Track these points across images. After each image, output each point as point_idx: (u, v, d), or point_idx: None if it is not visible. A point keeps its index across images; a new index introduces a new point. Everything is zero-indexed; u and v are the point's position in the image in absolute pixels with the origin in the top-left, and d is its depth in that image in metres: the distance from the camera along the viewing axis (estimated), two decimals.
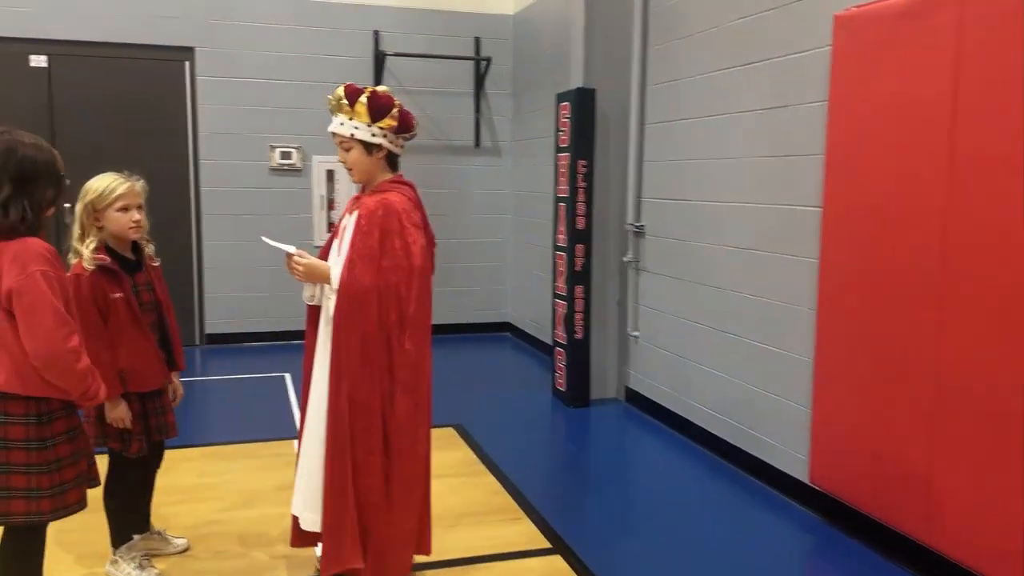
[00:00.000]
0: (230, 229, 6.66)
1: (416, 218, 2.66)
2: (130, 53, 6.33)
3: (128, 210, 2.77)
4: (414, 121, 2.77)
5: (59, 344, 2.18)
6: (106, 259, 2.73)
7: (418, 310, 2.60)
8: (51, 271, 2.19)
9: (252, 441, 4.41)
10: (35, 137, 2.29)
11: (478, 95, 7.19)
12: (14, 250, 2.17)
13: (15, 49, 6.07)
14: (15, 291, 2.14)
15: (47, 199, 2.26)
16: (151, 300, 2.88)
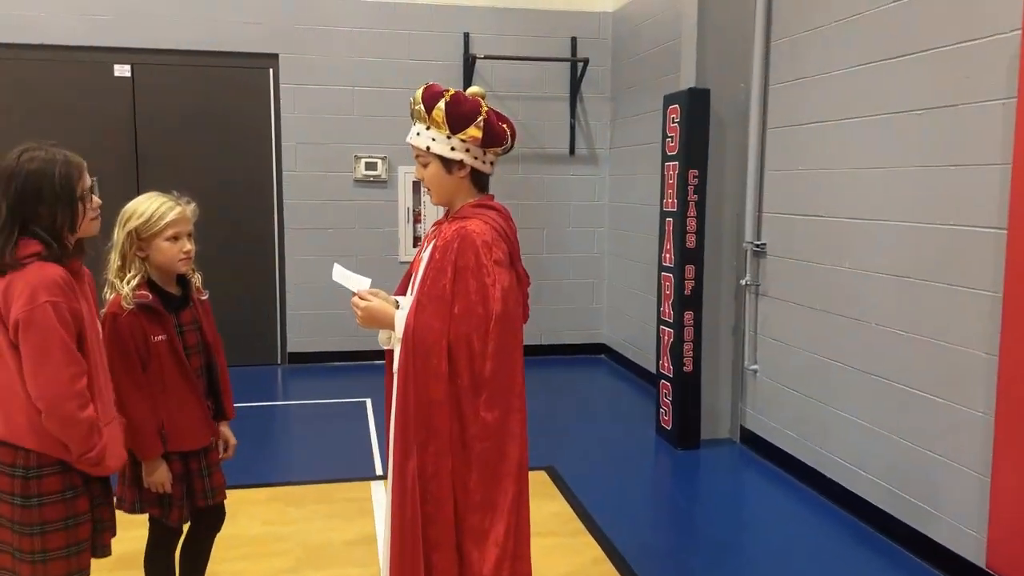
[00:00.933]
0: (313, 243, 6.36)
1: (499, 252, 2.15)
2: (213, 61, 6.11)
3: (178, 239, 2.38)
4: (507, 132, 2.25)
5: (64, 385, 1.86)
6: (148, 296, 2.34)
7: (497, 369, 2.10)
8: (63, 302, 1.86)
9: (326, 481, 4.01)
10: (52, 152, 1.95)
11: (574, 99, 6.68)
12: (26, 278, 1.85)
13: (100, 58, 5.93)
14: (22, 322, 1.83)
15: (62, 220, 1.92)
16: (198, 342, 2.48)
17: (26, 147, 1.93)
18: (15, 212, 1.88)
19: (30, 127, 5.81)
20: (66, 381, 1.85)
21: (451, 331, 2.09)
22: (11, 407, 1.89)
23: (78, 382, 1.88)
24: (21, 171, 1.89)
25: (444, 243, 2.18)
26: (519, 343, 2.20)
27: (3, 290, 1.85)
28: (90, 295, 2.03)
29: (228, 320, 6.51)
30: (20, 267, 1.85)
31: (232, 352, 6.57)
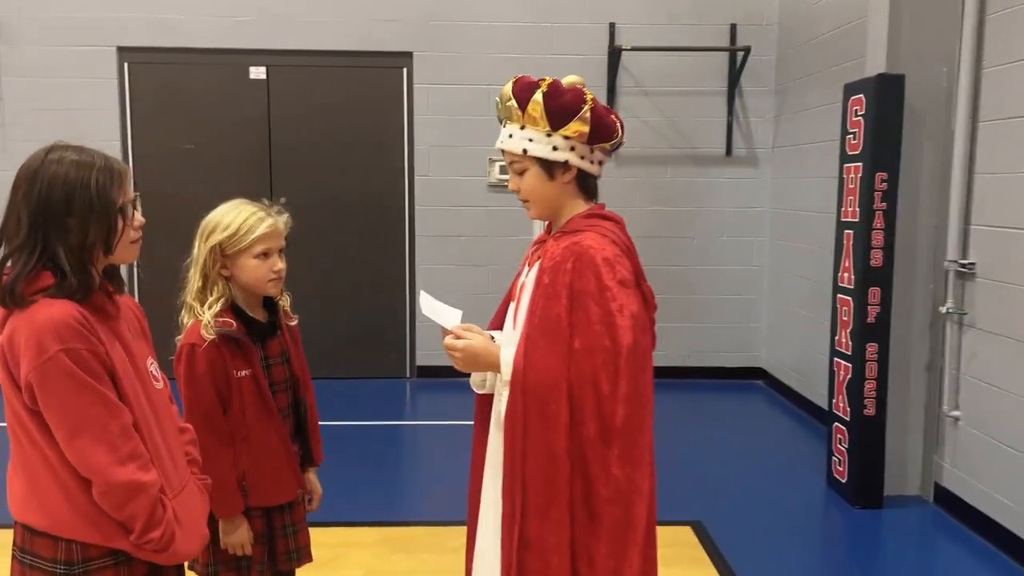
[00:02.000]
0: (444, 251, 6.02)
1: (624, 271, 1.71)
2: (346, 61, 5.89)
3: (269, 256, 2.01)
4: (617, 124, 1.80)
5: (112, 447, 1.46)
6: (232, 325, 1.97)
7: (630, 415, 1.66)
8: (83, 347, 1.45)
9: (443, 523, 3.59)
10: (88, 153, 1.55)
11: (732, 93, 5.98)
12: (30, 323, 1.45)
13: (237, 61, 5.83)
14: (36, 383, 1.43)
15: (94, 237, 1.52)
16: (286, 377, 2.10)
17: (56, 144, 1.55)
18: (37, 224, 1.48)
19: (168, 130, 5.80)
20: (112, 441, 1.46)
21: (572, 371, 1.66)
22: (43, 487, 1.50)
23: (128, 440, 1.48)
24: (46, 173, 1.49)
25: (553, 264, 1.72)
26: (650, 380, 1.73)
27: (7, 339, 1.47)
28: (134, 331, 1.66)
29: (354, 330, 6.40)
30: (24, 307, 1.47)
31: (358, 364, 6.27)
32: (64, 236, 1.49)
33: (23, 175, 1.51)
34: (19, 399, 1.47)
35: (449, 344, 1.81)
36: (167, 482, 1.58)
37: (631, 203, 5.94)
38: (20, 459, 1.52)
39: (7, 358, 1.47)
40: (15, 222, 1.50)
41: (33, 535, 1.52)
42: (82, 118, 5.71)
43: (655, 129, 5.99)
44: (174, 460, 1.65)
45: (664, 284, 6.07)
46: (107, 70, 5.75)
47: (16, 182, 1.52)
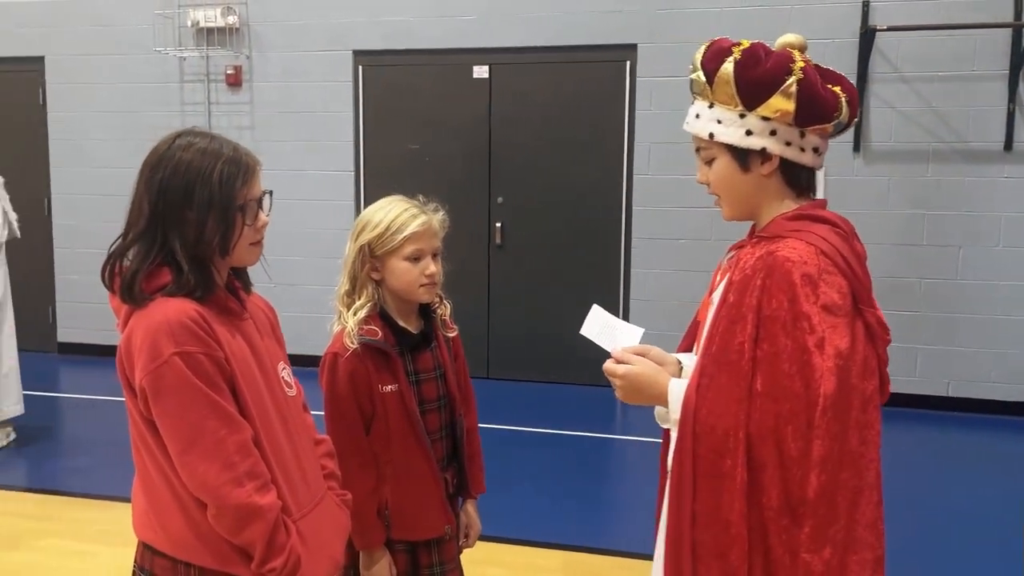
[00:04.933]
0: (662, 256, 5.63)
1: (833, 292, 1.30)
2: (568, 57, 5.69)
3: (420, 258, 1.82)
4: (839, 99, 1.36)
5: (225, 464, 1.32)
6: (377, 333, 1.80)
7: (828, 486, 1.25)
8: (199, 350, 1.32)
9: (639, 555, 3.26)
10: (218, 142, 1.44)
11: (1014, 77, 5.01)
12: (145, 323, 1.33)
13: (461, 60, 5.85)
14: (149, 389, 1.32)
15: (211, 234, 1.39)
16: (439, 395, 1.89)
17: (188, 129, 1.46)
18: (157, 214, 1.38)
19: (395, 131, 5.95)
20: (227, 457, 1.32)
21: (752, 420, 1.28)
22: (162, 504, 1.39)
23: (246, 457, 1.34)
24: (171, 159, 1.39)
25: (743, 277, 1.36)
26: (872, 439, 1.29)
27: (125, 340, 1.37)
28: (264, 333, 1.52)
29: (564, 332, 6.14)
30: (143, 305, 1.37)
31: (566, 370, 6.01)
32: (181, 229, 1.38)
33: (150, 159, 1.43)
34: (136, 407, 1.37)
35: (608, 370, 1.50)
36: (295, 500, 1.42)
37: (882, 206, 5.20)
38: (141, 472, 1.44)
39: (124, 362, 1.38)
40: (137, 210, 1.41)
41: (153, 555, 1.42)
42: (321, 120, 6.03)
43: (914, 120, 5.19)
44: (305, 475, 1.49)
45: (919, 300, 5.25)
46: (344, 73, 6.01)
47: (142, 166, 1.43)
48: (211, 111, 6.19)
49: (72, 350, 6.58)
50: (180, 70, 6.22)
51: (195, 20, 6.03)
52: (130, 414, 1.41)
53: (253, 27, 6.07)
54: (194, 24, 6.05)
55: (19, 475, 4.18)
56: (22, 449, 4.45)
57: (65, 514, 3.64)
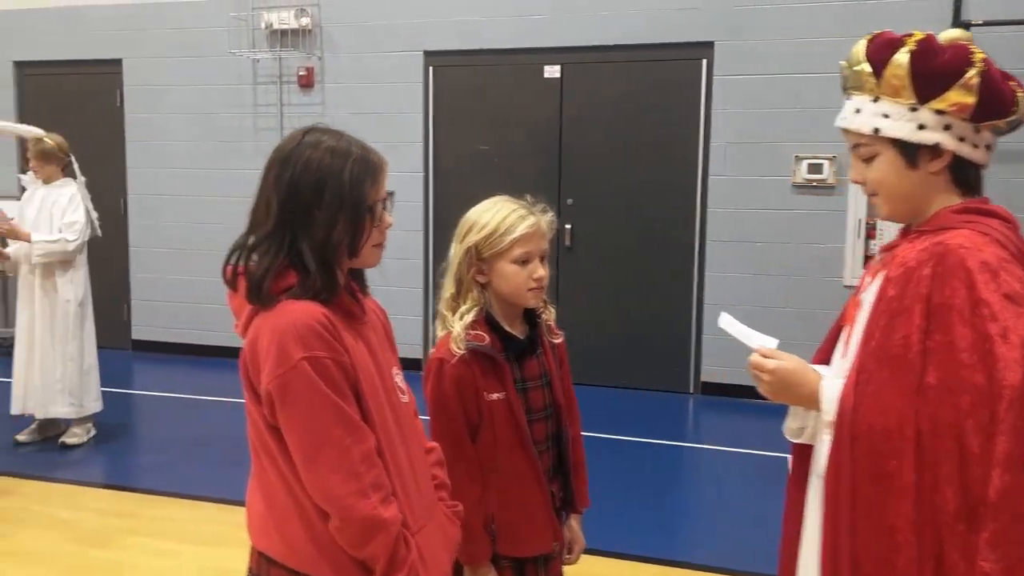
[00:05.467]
0: (738, 258, 5.49)
1: (1015, 281, 1.21)
2: (641, 55, 5.58)
3: (528, 261, 1.75)
4: (1015, 96, 1.27)
5: (350, 474, 1.28)
6: (484, 339, 1.74)
7: (1013, 486, 1.15)
8: (327, 355, 1.28)
9: (725, 572, 3.15)
10: (347, 140, 1.40)
11: None
12: (273, 326, 1.29)
13: (532, 60, 5.79)
14: (275, 393, 1.28)
15: (340, 235, 1.35)
16: (546, 404, 1.83)
17: (315, 126, 1.42)
18: (285, 213, 1.34)
19: (465, 131, 5.92)
20: (353, 467, 1.27)
21: (923, 416, 1.19)
22: (281, 513, 1.35)
23: (371, 467, 1.29)
24: (300, 157, 1.36)
25: (904, 270, 1.26)
26: None
27: (250, 344, 1.34)
28: (379, 338, 1.48)
29: (634, 337, 6.03)
30: (270, 306, 1.33)
31: (636, 374, 5.90)
32: (309, 229, 1.34)
33: (277, 156, 1.39)
34: (259, 411, 1.33)
35: (756, 363, 1.42)
36: (411, 513, 1.37)
37: None
38: (260, 477, 1.40)
39: (248, 365, 1.34)
40: (264, 208, 1.37)
41: (269, 564, 1.38)
42: (391, 121, 6.03)
43: None
44: (419, 486, 1.44)
45: None
46: (415, 74, 6.00)
47: (269, 163, 1.39)
48: (283, 112, 6.24)
49: (145, 347, 6.71)
50: (253, 72, 6.28)
51: (268, 22, 6.09)
52: (250, 417, 1.37)
53: (325, 28, 6.11)
54: (267, 26, 6.11)
55: (101, 472, 4.25)
56: (101, 446, 4.53)
57: (147, 512, 3.68)
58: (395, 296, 6.14)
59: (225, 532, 3.48)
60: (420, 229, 6.08)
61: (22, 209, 4.48)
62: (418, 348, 6.15)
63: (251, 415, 1.36)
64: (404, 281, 6.11)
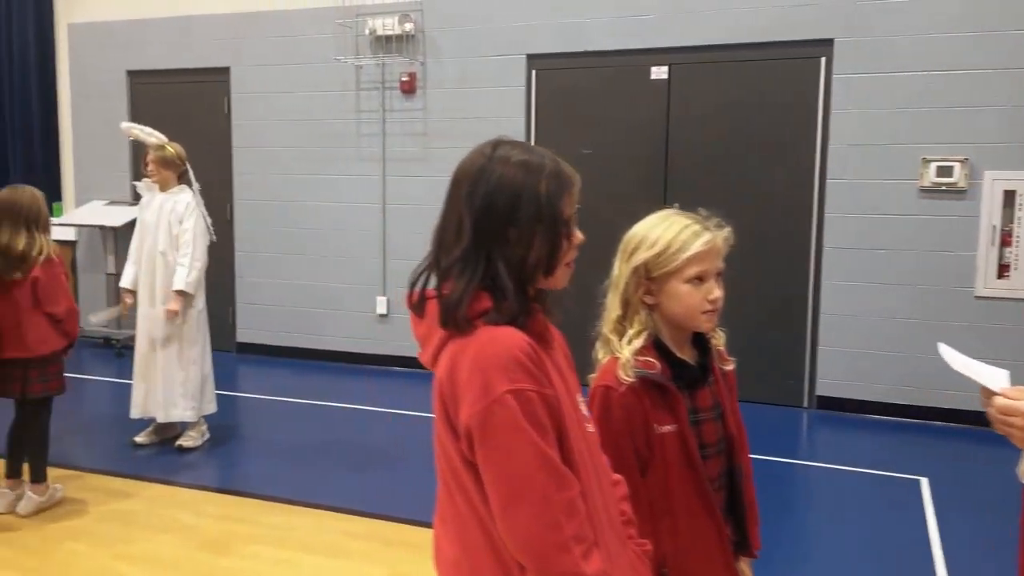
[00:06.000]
0: (858, 266, 5.21)
1: None
2: (754, 54, 5.36)
3: (704, 280, 1.63)
4: None
5: (552, 524, 1.17)
6: (655, 366, 1.62)
7: None
8: (532, 387, 1.19)
9: None
10: (537, 152, 1.31)
11: None
12: (474, 354, 1.21)
13: (638, 61, 5.64)
14: (475, 429, 1.19)
15: (537, 254, 1.26)
16: (719, 437, 1.70)
17: (501, 139, 1.33)
18: (481, 233, 1.26)
19: (567, 135, 5.80)
20: (554, 517, 1.17)
21: None
22: (478, 559, 1.26)
23: (572, 517, 1.18)
24: (492, 173, 1.27)
25: None
26: None
27: (447, 371, 1.24)
28: (566, 366, 1.38)
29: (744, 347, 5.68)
30: (467, 333, 1.24)
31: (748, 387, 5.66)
32: (505, 249, 1.26)
33: (467, 172, 1.29)
34: (455, 445, 1.24)
35: (1003, 407, 1.25)
36: (609, 558, 1.26)
37: None
38: (452, 516, 1.30)
39: (445, 395, 1.25)
40: (455, 228, 1.28)
41: None
42: (493, 125, 5.95)
43: None
44: (613, 524, 1.34)
45: None
46: (517, 77, 5.92)
47: (456, 180, 1.31)
48: (385, 118, 6.26)
49: (249, 350, 6.83)
50: (356, 78, 6.32)
51: (372, 28, 6.11)
52: (443, 449, 1.28)
53: (428, 34, 6.09)
54: (371, 32, 6.13)
55: (218, 476, 4.30)
56: (215, 449, 4.59)
57: (266, 519, 3.69)
58: None
59: (343, 543, 3.47)
60: None
61: (140, 214, 4.58)
62: None
63: (445, 448, 1.27)
64: None
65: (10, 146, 7.63)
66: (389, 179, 6.30)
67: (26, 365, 3.60)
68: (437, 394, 1.27)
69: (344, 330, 6.54)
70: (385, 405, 5.44)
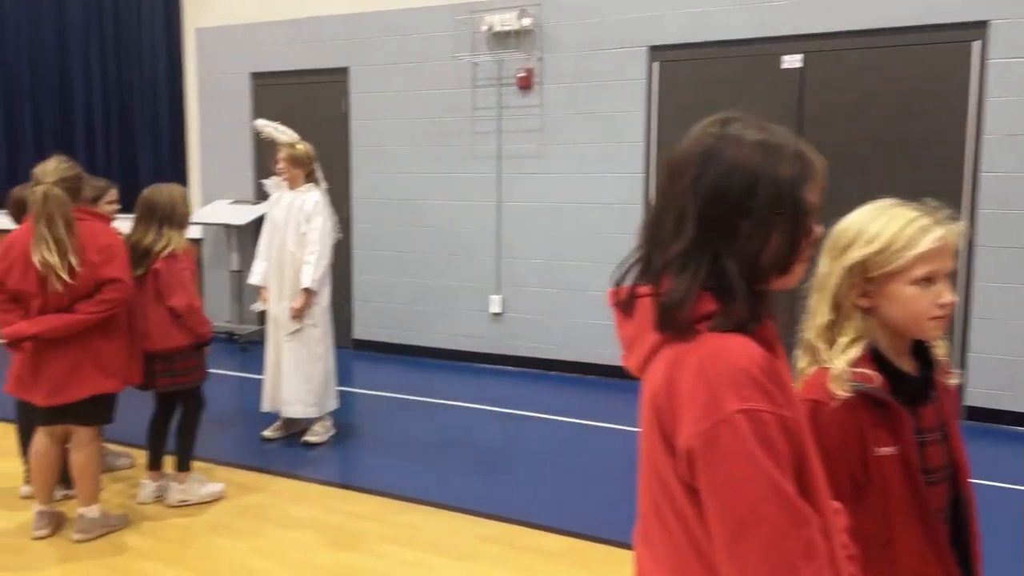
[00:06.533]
0: (1013, 267, 4.80)
1: None
2: (897, 39, 5.02)
3: (933, 282, 1.43)
4: None
5: (778, 570, 1.01)
6: (873, 379, 1.44)
7: None
8: (769, 409, 1.03)
9: None
10: (776, 132, 1.15)
11: None
12: (696, 366, 1.06)
13: (768, 50, 5.37)
14: (699, 451, 1.04)
15: (774, 249, 1.11)
16: (944, 463, 1.50)
17: (730, 116, 1.17)
18: (709, 224, 1.11)
19: (688, 131, 5.59)
20: (786, 559, 1.01)
21: None
22: None
23: (810, 560, 1.02)
24: (724, 155, 1.12)
25: None
26: None
27: (664, 381, 1.10)
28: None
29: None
30: (688, 339, 1.10)
31: None
32: (734, 243, 1.10)
33: (690, 156, 1.15)
34: (671, 464, 1.10)
35: None
36: None
37: None
38: (662, 541, 1.16)
39: (660, 407, 1.11)
40: (674, 220, 1.14)
41: None
42: (611, 121, 5.81)
43: None
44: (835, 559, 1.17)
45: None
46: (637, 71, 5.74)
47: (678, 164, 1.16)
48: (501, 115, 6.18)
49: (366, 347, 6.90)
50: (473, 75, 6.27)
51: (490, 24, 6.05)
52: (652, 466, 1.15)
53: (545, 29, 5.98)
54: (489, 29, 6.07)
55: (345, 472, 4.31)
56: (340, 444, 4.61)
57: (395, 518, 3.66)
58: None
59: (472, 546, 3.39)
60: None
61: (269, 212, 4.64)
62: None
63: (656, 465, 1.14)
64: None
65: (140, 148, 7.96)
66: (504, 177, 6.22)
67: (152, 358, 3.67)
68: (649, 404, 1.14)
69: (458, 328, 6.51)
70: (500, 404, 5.37)
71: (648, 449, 1.15)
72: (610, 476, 4.19)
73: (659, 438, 1.11)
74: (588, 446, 4.64)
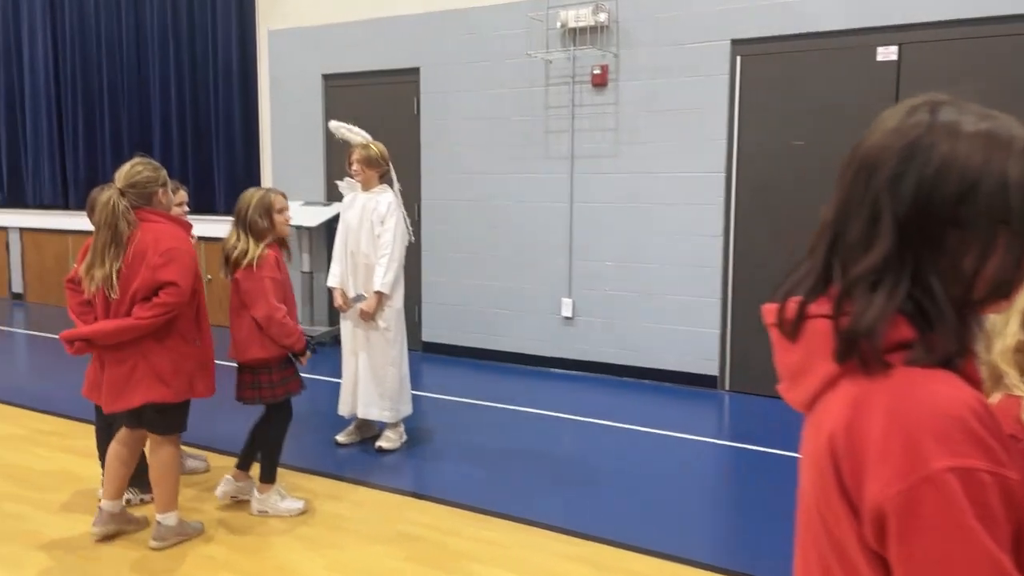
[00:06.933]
0: None
1: None
2: (1002, 29, 4.69)
3: None
4: None
5: None
6: None
7: None
8: (988, 468, 0.84)
9: None
10: (995, 118, 0.95)
11: None
12: (889, 408, 0.88)
13: (861, 42, 5.08)
14: (891, 515, 0.86)
15: (996, 272, 0.91)
16: None
17: (938, 100, 0.96)
18: (910, 231, 0.91)
19: (775, 126, 5.34)
20: None
21: None
22: None
23: None
24: (936, 147, 0.91)
25: None
26: None
27: (845, 424, 0.92)
28: None
29: None
30: (877, 373, 0.91)
31: None
32: (938, 258, 0.91)
33: (889, 148, 0.93)
34: (850, 526, 0.92)
35: None
36: None
37: None
38: None
39: (839, 454, 0.92)
40: (864, 226, 0.94)
41: None
42: (691, 118, 5.60)
43: None
44: None
45: None
46: (719, 65, 5.52)
47: (870, 157, 0.95)
48: (575, 113, 6.02)
49: (434, 349, 6.81)
50: (546, 73, 6.13)
51: (564, 20, 5.89)
52: (822, 518, 0.96)
53: (622, 24, 5.79)
54: (563, 25, 5.91)
55: (418, 481, 4.20)
56: (414, 450, 4.52)
57: (473, 532, 3.53)
58: (689, 306, 5.71)
59: (558, 566, 3.24)
60: (719, 235, 5.58)
61: (343, 213, 4.57)
62: (713, 364, 5.68)
63: (828, 521, 0.96)
64: (699, 291, 5.65)
65: (214, 150, 8.04)
66: (577, 177, 6.06)
67: (241, 370, 3.62)
68: (824, 449, 0.95)
69: (528, 332, 6.38)
70: (574, 411, 5.21)
71: (817, 501, 0.98)
72: (701, 492, 4.00)
73: (836, 492, 0.93)
74: (674, 458, 4.45)
